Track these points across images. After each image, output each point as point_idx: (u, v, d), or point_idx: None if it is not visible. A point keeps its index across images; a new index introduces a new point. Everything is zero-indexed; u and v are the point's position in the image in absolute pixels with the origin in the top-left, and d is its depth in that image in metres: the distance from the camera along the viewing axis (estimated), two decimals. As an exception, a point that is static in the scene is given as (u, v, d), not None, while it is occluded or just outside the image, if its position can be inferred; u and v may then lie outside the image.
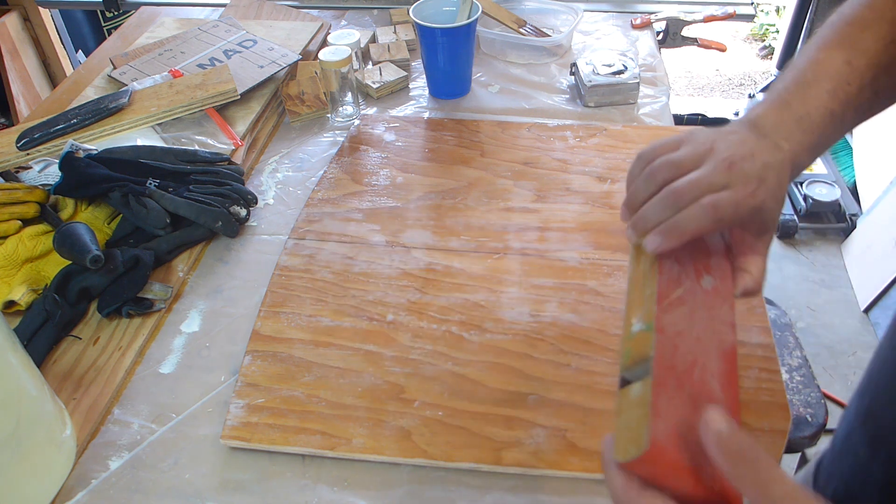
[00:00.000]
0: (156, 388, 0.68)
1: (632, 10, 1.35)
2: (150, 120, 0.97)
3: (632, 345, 0.41)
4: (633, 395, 0.38)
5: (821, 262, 1.93)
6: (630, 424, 0.37)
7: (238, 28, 1.19)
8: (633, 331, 0.42)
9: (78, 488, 0.60)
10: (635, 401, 0.38)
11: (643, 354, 0.40)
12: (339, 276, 0.77)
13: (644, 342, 0.40)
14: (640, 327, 0.42)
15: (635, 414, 0.37)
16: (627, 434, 0.37)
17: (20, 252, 0.76)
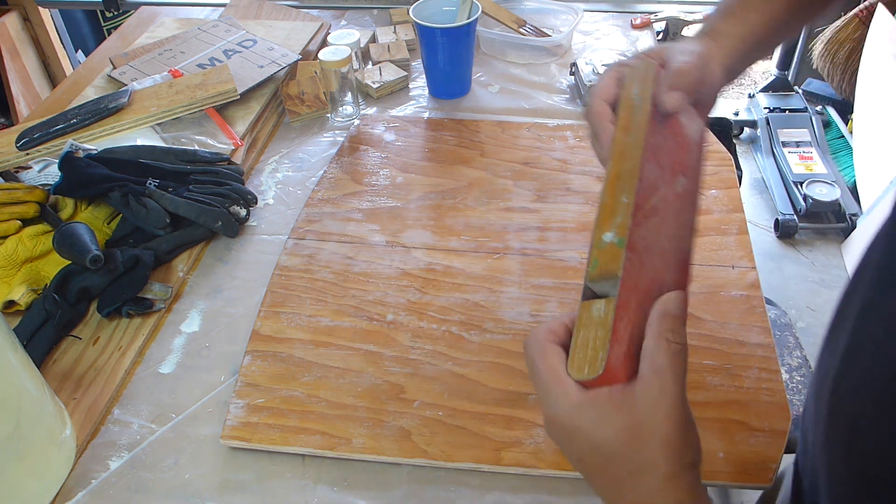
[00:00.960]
0: (156, 388, 0.68)
1: (632, 10, 1.35)
2: (150, 120, 0.97)
3: (600, 255, 0.40)
4: (595, 313, 0.38)
5: (821, 262, 1.93)
6: (588, 343, 0.37)
7: (238, 28, 1.19)
8: (603, 240, 0.40)
9: (78, 488, 0.60)
10: (596, 320, 0.38)
11: (611, 271, 0.39)
12: (338, 276, 0.77)
13: (614, 257, 0.39)
14: (612, 239, 0.40)
15: (594, 334, 0.37)
16: (584, 353, 0.37)
17: (20, 252, 0.76)
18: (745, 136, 2.37)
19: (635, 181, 0.42)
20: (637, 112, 0.45)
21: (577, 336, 0.38)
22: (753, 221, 2.06)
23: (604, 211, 0.41)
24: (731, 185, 0.86)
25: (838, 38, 2.04)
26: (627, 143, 0.44)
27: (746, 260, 0.76)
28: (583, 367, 0.37)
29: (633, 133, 0.44)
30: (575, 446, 0.37)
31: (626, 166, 0.43)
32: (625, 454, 0.36)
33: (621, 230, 0.40)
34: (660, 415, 0.35)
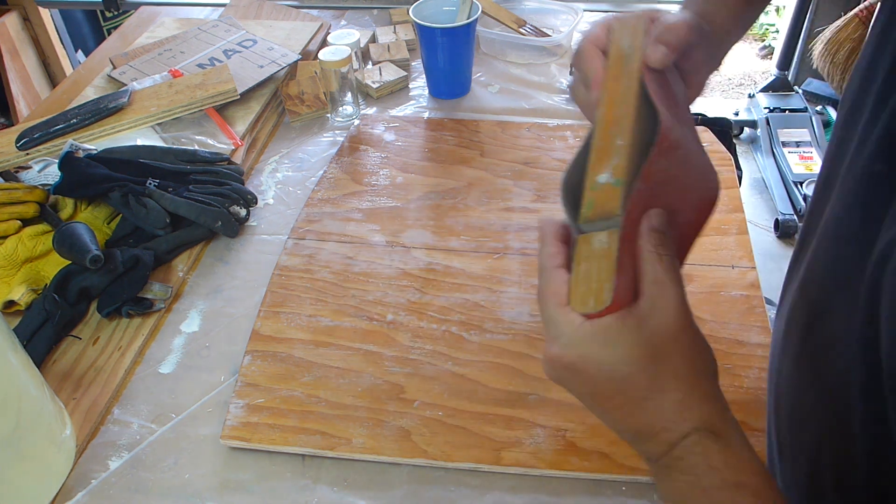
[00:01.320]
0: (156, 388, 0.68)
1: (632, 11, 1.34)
2: (150, 120, 0.97)
3: (596, 197, 0.39)
4: (596, 245, 0.38)
5: (821, 262, 1.93)
6: (591, 275, 0.37)
7: (238, 28, 1.19)
8: (598, 181, 0.40)
9: (78, 488, 0.60)
10: (599, 251, 0.37)
11: (609, 211, 0.38)
12: (338, 276, 0.77)
13: (611, 197, 0.39)
14: (608, 180, 0.39)
15: (598, 266, 0.37)
16: (587, 285, 0.37)
17: (20, 252, 0.76)
18: (745, 136, 2.37)
19: (630, 124, 0.41)
20: (628, 61, 0.44)
21: (578, 269, 0.38)
22: (753, 221, 2.06)
23: (598, 153, 0.41)
24: (731, 185, 0.86)
25: (838, 38, 2.04)
26: (619, 89, 0.43)
27: (746, 260, 0.76)
28: (587, 299, 0.36)
29: (626, 80, 0.43)
30: (585, 377, 0.36)
31: (620, 111, 0.42)
32: (641, 373, 0.34)
33: (618, 171, 0.39)
34: (670, 322, 0.35)
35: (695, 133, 0.48)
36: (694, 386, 0.35)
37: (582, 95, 0.49)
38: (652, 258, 0.37)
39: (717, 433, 0.34)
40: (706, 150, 0.49)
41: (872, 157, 0.37)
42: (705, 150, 0.49)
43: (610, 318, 0.35)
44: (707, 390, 0.35)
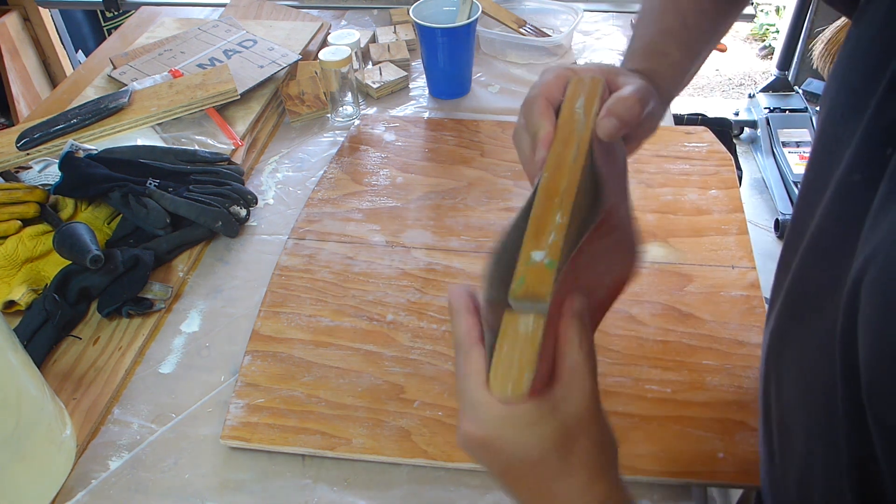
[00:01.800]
0: (156, 388, 0.68)
1: (632, 10, 1.35)
2: (150, 120, 0.97)
3: (528, 274, 0.37)
4: (521, 328, 0.37)
5: (821, 262, 1.93)
6: (512, 359, 0.36)
7: (238, 28, 1.19)
8: (533, 258, 0.38)
9: (78, 488, 0.60)
10: (523, 336, 0.36)
11: (539, 294, 0.37)
12: (338, 276, 0.77)
13: (543, 280, 0.37)
14: (542, 259, 0.37)
15: (520, 350, 0.36)
16: (508, 370, 0.36)
17: (20, 252, 0.76)
18: (745, 136, 2.37)
19: (572, 200, 0.39)
20: (579, 127, 0.43)
21: (501, 349, 0.36)
22: (753, 221, 2.06)
23: (536, 225, 0.39)
24: (731, 185, 0.86)
25: (838, 38, 2.04)
26: (567, 157, 0.41)
27: (746, 260, 0.76)
28: (506, 385, 0.36)
29: (574, 148, 0.42)
30: (499, 457, 0.37)
31: (563, 182, 0.40)
32: (552, 457, 0.36)
33: (554, 251, 0.38)
34: (581, 410, 0.37)
35: (629, 207, 0.48)
36: (598, 472, 0.37)
37: (525, 147, 0.47)
38: (571, 344, 0.37)
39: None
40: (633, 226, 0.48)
41: (850, 167, 0.37)
42: (634, 223, 0.48)
43: (527, 408, 0.36)
44: (609, 475, 0.38)
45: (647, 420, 0.61)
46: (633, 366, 0.65)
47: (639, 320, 0.70)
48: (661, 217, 0.82)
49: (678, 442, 0.59)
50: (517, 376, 0.35)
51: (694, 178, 0.87)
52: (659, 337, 0.68)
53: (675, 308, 0.71)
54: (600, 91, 0.44)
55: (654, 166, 0.89)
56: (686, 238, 0.79)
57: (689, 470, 0.57)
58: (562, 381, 0.37)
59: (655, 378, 0.64)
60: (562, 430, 0.36)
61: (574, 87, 0.45)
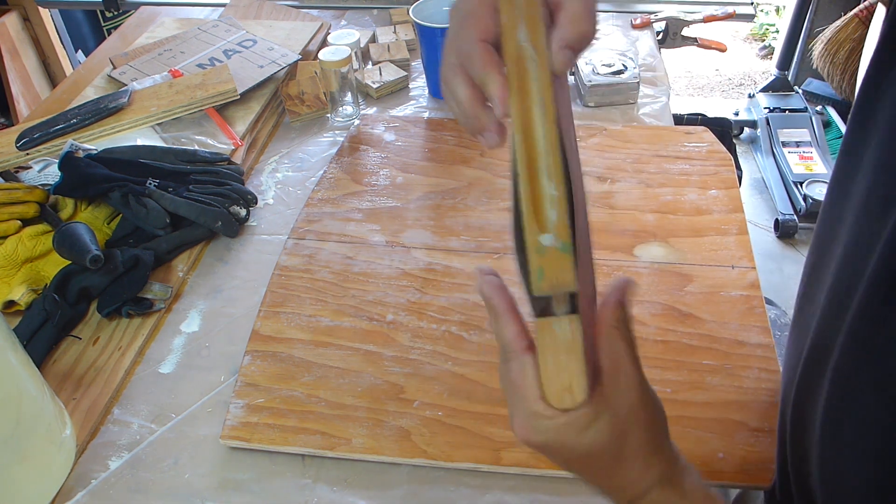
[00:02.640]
0: (155, 388, 0.68)
1: (632, 10, 1.35)
2: (150, 120, 0.97)
3: (545, 264, 0.34)
4: (559, 335, 0.35)
5: (821, 262, 1.93)
6: (560, 369, 0.35)
7: (238, 28, 1.19)
8: (542, 244, 0.34)
9: (78, 488, 0.60)
10: (563, 343, 0.35)
11: (564, 283, 0.34)
12: (338, 276, 0.77)
13: (562, 266, 0.33)
14: (552, 243, 0.34)
15: (566, 359, 0.35)
16: (559, 380, 0.35)
17: (20, 252, 0.76)
18: (745, 136, 2.37)
19: (559, 164, 0.34)
20: (532, 67, 0.35)
21: (545, 361, 0.35)
22: (753, 221, 2.06)
23: (531, 202, 0.34)
24: (731, 185, 0.86)
25: (838, 38, 2.04)
26: (532, 112, 0.35)
27: (746, 260, 0.76)
28: (563, 396, 0.35)
29: (536, 97, 0.35)
30: (560, 455, 0.38)
31: (540, 144, 0.34)
32: (609, 451, 0.37)
33: (562, 232, 0.34)
34: (632, 400, 0.37)
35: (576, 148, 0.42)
36: (652, 451, 0.38)
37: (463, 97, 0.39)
38: (612, 334, 0.37)
39: (673, 483, 0.39)
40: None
41: (870, 187, 0.37)
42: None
43: (581, 413, 0.36)
44: (663, 450, 0.40)
45: (647, 420, 0.61)
46: (632, 366, 0.65)
47: (639, 320, 0.70)
48: (661, 217, 0.82)
49: (678, 442, 0.58)
50: (571, 385, 0.35)
51: (694, 178, 0.87)
52: (659, 337, 0.68)
53: (675, 308, 0.71)
54: (539, 11, 0.36)
55: (654, 166, 0.89)
56: (686, 238, 0.79)
57: (689, 470, 0.57)
58: (608, 375, 0.36)
59: (655, 378, 0.64)
60: (615, 423, 0.36)
61: (509, 13, 0.37)
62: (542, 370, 0.36)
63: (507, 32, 0.36)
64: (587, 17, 0.36)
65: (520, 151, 0.34)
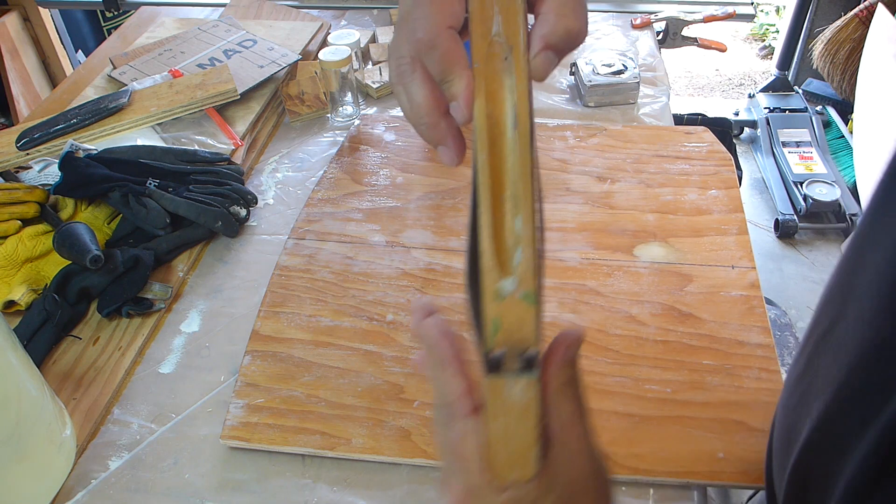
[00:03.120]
0: (155, 388, 0.68)
1: (632, 10, 1.35)
2: (150, 120, 0.97)
3: (503, 314, 0.28)
4: (513, 399, 0.29)
5: (821, 262, 1.93)
6: (511, 437, 0.30)
7: (238, 28, 1.19)
8: (502, 290, 0.28)
9: (78, 488, 0.60)
10: (516, 409, 0.30)
11: (523, 340, 0.29)
12: (338, 276, 0.77)
13: (523, 319, 0.28)
14: (512, 289, 0.28)
15: (517, 427, 0.30)
16: (507, 450, 0.30)
17: (20, 252, 0.76)
18: (745, 136, 2.37)
19: (529, 191, 0.28)
20: (507, 68, 0.29)
21: (495, 427, 0.30)
22: (753, 221, 2.06)
23: (492, 236, 0.28)
24: (731, 185, 0.86)
25: (838, 38, 2.04)
26: (502, 123, 0.29)
27: (746, 260, 0.76)
28: (510, 470, 0.30)
29: (508, 105, 0.29)
30: None
31: (511, 167, 0.29)
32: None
33: (526, 278, 0.28)
34: (583, 470, 0.33)
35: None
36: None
37: (417, 95, 0.32)
38: (561, 395, 0.32)
39: None
40: None
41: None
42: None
43: (530, 484, 0.32)
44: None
45: (647, 420, 0.61)
46: (633, 366, 0.65)
47: (639, 320, 0.70)
48: (661, 217, 0.82)
49: (678, 442, 0.59)
50: (521, 456, 0.30)
51: (694, 178, 0.87)
52: (659, 337, 0.68)
53: (675, 308, 0.71)
54: (520, 1, 0.30)
55: (654, 166, 0.89)
56: (686, 238, 0.79)
57: (689, 470, 0.57)
58: (558, 443, 0.32)
59: (655, 378, 0.64)
60: (564, 497, 0.33)
61: (481, 0, 0.30)
62: (491, 437, 0.30)
63: (478, 21, 0.30)
64: (576, 11, 0.30)
65: (483, 173, 0.28)
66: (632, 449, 0.59)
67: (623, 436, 0.60)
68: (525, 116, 0.29)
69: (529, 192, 0.28)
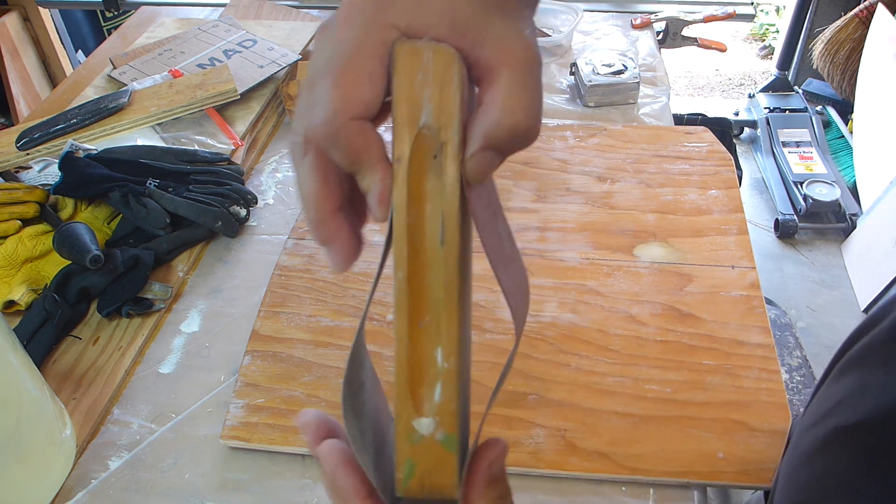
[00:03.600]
0: (155, 388, 0.68)
1: (632, 10, 1.35)
2: (150, 120, 0.97)
3: (418, 457, 0.25)
4: None
5: (821, 262, 1.93)
6: None
7: (238, 28, 1.19)
8: (417, 431, 0.25)
9: (78, 488, 0.60)
10: None
11: (441, 487, 0.25)
12: (338, 276, 0.77)
13: (442, 465, 0.25)
14: (431, 431, 0.25)
15: None
16: None
17: (20, 252, 0.76)
18: (745, 136, 2.37)
19: (456, 321, 0.25)
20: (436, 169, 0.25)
21: None
22: (753, 221, 2.06)
23: (407, 372, 0.25)
24: (731, 185, 0.86)
25: (838, 38, 2.04)
26: (426, 243, 0.25)
27: (746, 260, 0.76)
28: None
29: (436, 218, 0.25)
30: None
31: (438, 291, 0.25)
32: None
33: (447, 419, 0.25)
34: None
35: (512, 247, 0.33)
36: None
37: (311, 194, 0.27)
38: None
39: None
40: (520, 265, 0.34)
41: None
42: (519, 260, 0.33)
43: None
44: None
45: (647, 420, 0.61)
46: (633, 366, 0.65)
47: (639, 320, 0.70)
48: (661, 217, 0.82)
49: (678, 442, 0.59)
50: None
51: (694, 178, 0.87)
52: (659, 337, 0.68)
53: (675, 308, 0.71)
54: (458, 76, 0.24)
55: (654, 166, 0.89)
56: (686, 238, 0.79)
57: (689, 470, 0.57)
58: None
59: (655, 378, 0.64)
60: None
61: (408, 72, 0.24)
62: None
63: (403, 105, 0.24)
64: (529, 104, 0.25)
65: (401, 292, 0.25)
66: (632, 449, 0.59)
67: (623, 436, 0.60)
68: (454, 229, 0.24)
69: (455, 319, 0.24)
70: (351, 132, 0.25)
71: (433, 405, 0.25)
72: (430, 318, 0.25)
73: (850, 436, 0.38)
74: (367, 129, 0.25)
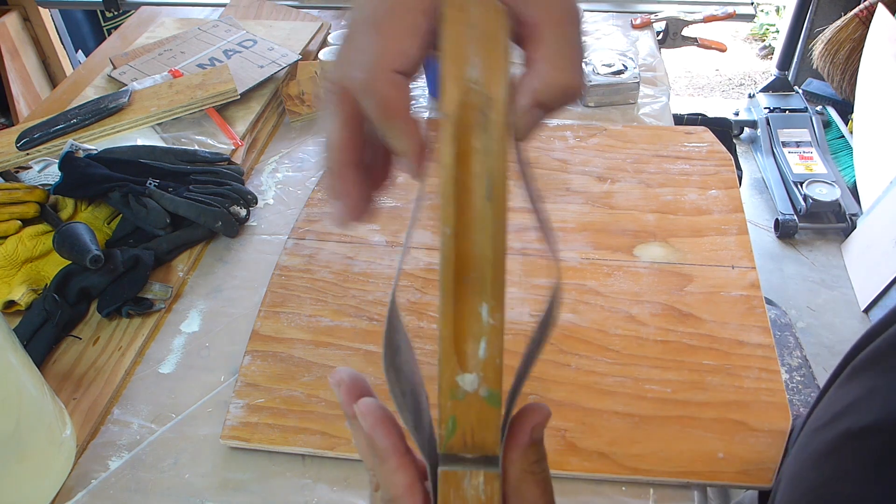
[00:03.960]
0: (155, 388, 0.68)
1: (632, 10, 1.35)
2: (150, 120, 0.97)
3: (461, 414, 0.26)
4: (470, 491, 0.26)
5: (821, 262, 1.93)
6: None
7: (238, 28, 1.19)
8: (460, 387, 0.25)
9: (78, 488, 0.60)
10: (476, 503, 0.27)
11: (484, 445, 0.26)
12: (338, 276, 0.77)
13: (485, 421, 0.25)
14: (475, 388, 0.25)
15: None
16: None
17: (20, 252, 0.76)
18: (745, 136, 2.37)
19: (503, 278, 0.24)
20: (484, 125, 0.24)
21: None
22: (753, 221, 2.06)
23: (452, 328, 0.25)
24: (731, 185, 0.86)
25: (838, 38, 2.04)
26: (474, 200, 0.24)
27: (746, 260, 0.76)
28: None
29: (484, 175, 0.24)
30: None
31: (482, 248, 0.24)
32: None
33: (491, 375, 0.25)
34: None
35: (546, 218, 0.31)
36: None
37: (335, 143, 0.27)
38: (526, 481, 0.28)
39: None
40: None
41: None
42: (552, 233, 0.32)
43: None
44: None
45: (647, 420, 0.61)
46: (633, 366, 0.65)
47: (639, 320, 0.70)
48: (661, 217, 0.82)
49: (678, 442, 0.59)
50: None
51: (694, 178, 0.87)
52: (659, 337, 0.68)
53: (675, 308, 0.71)
54: (505, 37, 0.24)
55: (654, 166, 0.89)
56: (686, 238, 0.79)
57: (689, 470, 0.57)
58: None
59: (655, 378, 0.64)
60: None
61: (455, 30, 0.24)
62: None
63: (451, 61, 0.24)
64: (574, 64, 0.25)
65: (447, 248, 0.24)
66: (632, 449, 0.59)
67: (623, 436, 0.60)
68: (502, 185, 0.24)
69: (502, 275, 0.24)
70: (388, 84, 0.25)
71: (478, 361, 0.25)
72: (475, 275, 0.24)
73: (860, 439, 0.38)
74: (403, 84, 0.25)
